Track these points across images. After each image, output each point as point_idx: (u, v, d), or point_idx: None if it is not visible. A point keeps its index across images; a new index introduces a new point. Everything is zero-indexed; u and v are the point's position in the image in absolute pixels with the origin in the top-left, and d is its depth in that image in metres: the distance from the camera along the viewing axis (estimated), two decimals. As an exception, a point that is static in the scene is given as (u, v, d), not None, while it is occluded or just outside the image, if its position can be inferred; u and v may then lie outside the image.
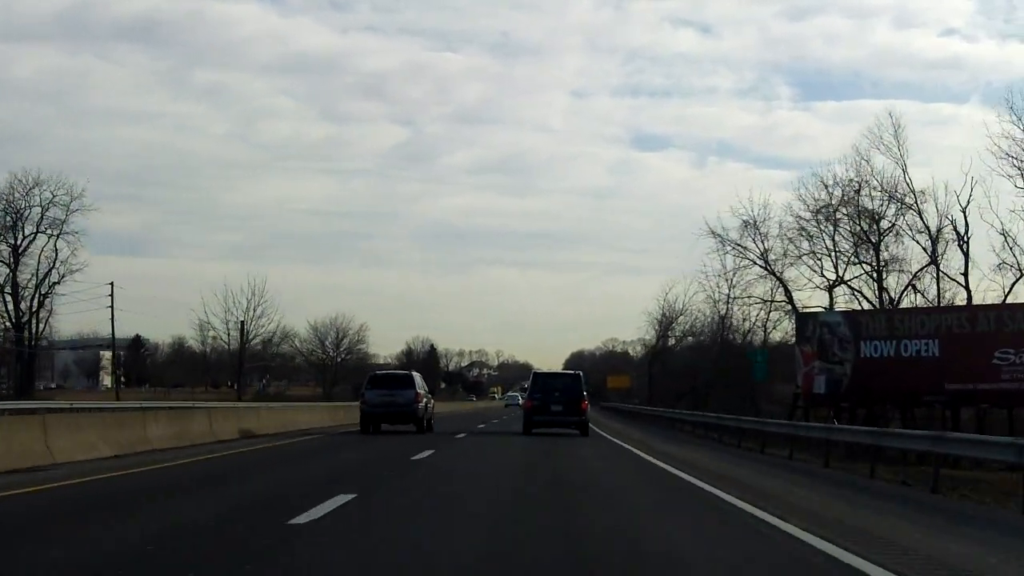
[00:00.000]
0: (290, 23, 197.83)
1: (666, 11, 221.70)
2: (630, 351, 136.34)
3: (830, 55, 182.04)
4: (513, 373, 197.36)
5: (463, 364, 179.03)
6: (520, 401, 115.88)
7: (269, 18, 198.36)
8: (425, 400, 32.77)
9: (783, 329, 53.49)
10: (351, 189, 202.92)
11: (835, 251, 48.58)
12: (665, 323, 79.69)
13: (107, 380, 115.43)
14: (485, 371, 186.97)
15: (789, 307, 50.54)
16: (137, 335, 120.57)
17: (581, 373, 34.72)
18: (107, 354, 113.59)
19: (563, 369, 47.16)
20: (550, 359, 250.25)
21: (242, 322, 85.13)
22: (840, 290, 48.36)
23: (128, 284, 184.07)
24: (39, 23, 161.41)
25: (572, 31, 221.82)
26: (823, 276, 49.11)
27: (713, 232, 53.04)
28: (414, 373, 35.24)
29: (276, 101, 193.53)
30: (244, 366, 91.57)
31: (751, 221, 51.78)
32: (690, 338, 75.97)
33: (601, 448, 26.31)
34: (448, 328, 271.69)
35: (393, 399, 31.28)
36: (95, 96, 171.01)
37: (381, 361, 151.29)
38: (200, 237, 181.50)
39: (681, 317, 77.02)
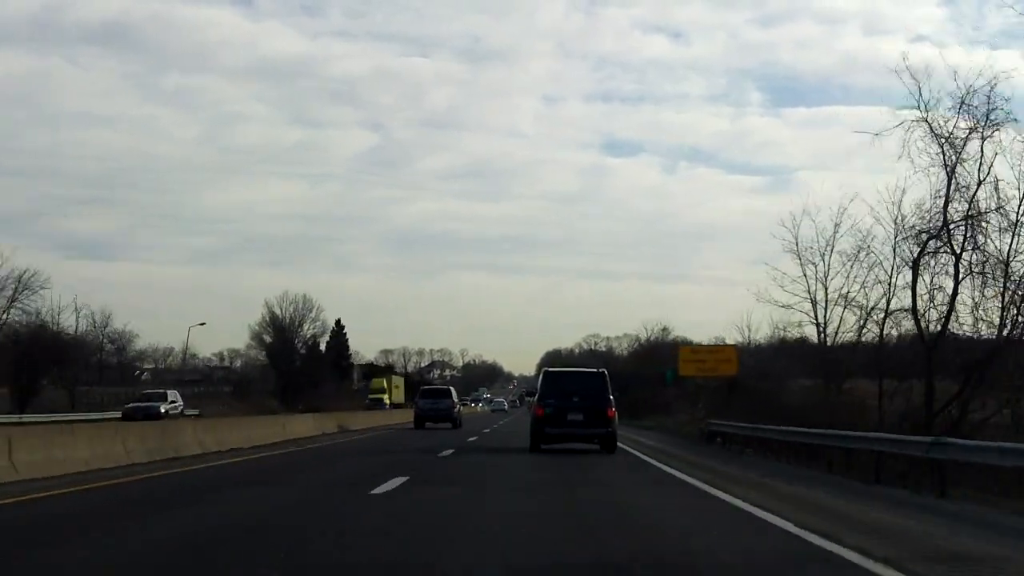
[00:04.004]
0: (260, 27, 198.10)
1: (636, 17, 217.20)
2: (615, 348, 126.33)
3: (800, 61, 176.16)
4: (478, 374, 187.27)
5: (423, 364, 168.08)
6: (505, 406, 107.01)
7: (239, 22, 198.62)
8: (458, 406, 44.98)
9: None
10: (321, 194, 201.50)
11: None
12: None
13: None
14: (448, 372, 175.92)
15: None
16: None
17: (605, 371, 26.15)
18: None
19: (558, 368, 32.36)
20: (522, 360, 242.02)
21: None
22: None
23: (97, 288, 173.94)
24: (8, 26, 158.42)
25: (542, 36, 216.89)
26: None
27: None
28: (451, 387, 47.89)
29: (246, 105, 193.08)
30: None
31: None
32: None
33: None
34: (416, 331, 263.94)
35: (437, 405, 43.11)
36: (64, 99, 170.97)
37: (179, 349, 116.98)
38: (169, 241, 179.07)
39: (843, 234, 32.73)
